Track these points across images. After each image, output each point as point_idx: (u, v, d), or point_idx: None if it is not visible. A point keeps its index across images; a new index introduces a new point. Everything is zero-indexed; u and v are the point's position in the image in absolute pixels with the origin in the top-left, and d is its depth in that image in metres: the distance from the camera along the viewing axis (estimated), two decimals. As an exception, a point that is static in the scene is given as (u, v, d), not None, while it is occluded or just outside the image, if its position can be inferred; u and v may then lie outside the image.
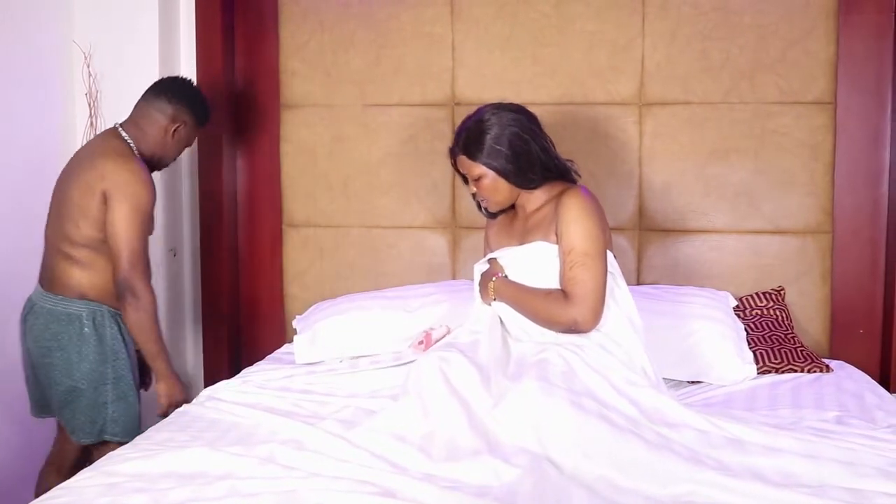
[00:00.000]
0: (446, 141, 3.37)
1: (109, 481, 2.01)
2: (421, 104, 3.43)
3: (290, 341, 3.31)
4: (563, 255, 2.42)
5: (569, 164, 2.61)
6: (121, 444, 2.68)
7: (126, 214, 2.67)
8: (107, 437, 2.75)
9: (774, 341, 2.99)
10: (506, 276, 2.55)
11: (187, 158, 3.55)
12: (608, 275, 2.44)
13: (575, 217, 2.42)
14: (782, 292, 3.21)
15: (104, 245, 2.72)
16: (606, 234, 2.50)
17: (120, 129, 2.85)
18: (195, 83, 3.03)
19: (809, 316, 3.25)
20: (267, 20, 3.50)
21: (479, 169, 2.54)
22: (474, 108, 2.62)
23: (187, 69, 3.51)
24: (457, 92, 3.40)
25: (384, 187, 3.47)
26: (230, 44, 3.51)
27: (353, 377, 2.80)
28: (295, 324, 3.24)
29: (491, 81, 3.36)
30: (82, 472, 2.10)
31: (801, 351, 2.96)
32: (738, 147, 3.26)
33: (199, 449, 2.14)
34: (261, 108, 3.54)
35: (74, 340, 2.72)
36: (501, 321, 2.55)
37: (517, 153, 2.50)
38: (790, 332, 3.08)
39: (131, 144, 2.82)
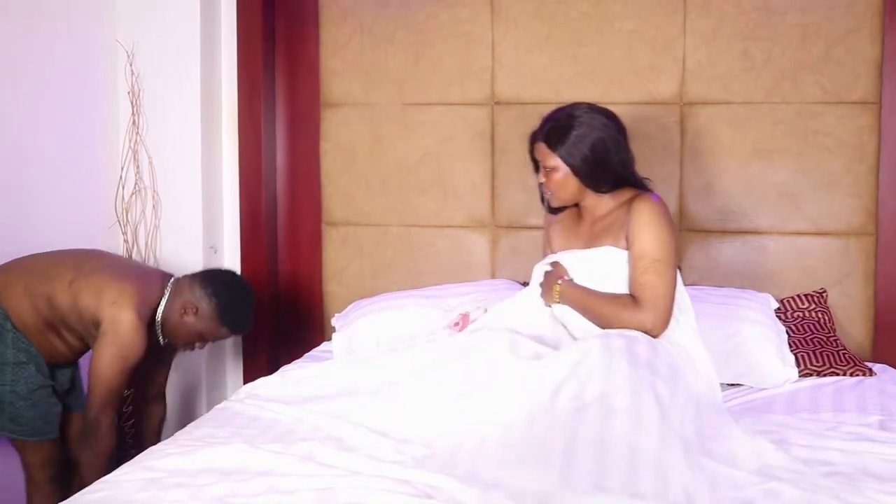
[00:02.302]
0: (486, 140, 3.39)
1: (149, 476, 2.02)
2: (460, 103, 3.42)
3: (329, 339, 3.32)
4: (634, 261, 2.42)
5: (645, 181, 2.60)
6: (23, 441, 2.73)
7: (110, 359, 2.64)
8: (6, 434, 2.72)
9: (816, 344, 2.96)
10: (571, 280, 2.54)
11: (229, 156, 3.58)
12: None
13: (647, 223, 2.43)
14: (824, 294, 3.17)
15: (60, 316, 2.70)
16: (676, 242, 2.49)
17: (170, 283, 2.83)
18: (243, 285, 2.93)
19: (852, 318, 3.21)
20: (307, 20, 3.52)
21: (554, 161, 2.53)
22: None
23: (228, 68, 3.54)
24: (496, 91, 3.39)
25: (423, 186, 3.48)
26: (271, 43, 3.53)
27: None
28: (334, 321, 3.26)
29: (530, 81, 3.35)
30: (122, 466, 2.11)
31: (844, 354, 2.92)
32: (780, 147, 3.22)
33: (238, 445, 2.15)
34: (301, 107, 3.56)
35: None
36: (563, 323, 2.55)
37: (597, 157, 2.49)
38: (832, 334, 3.04)
39: (162, 300, 2.80)
